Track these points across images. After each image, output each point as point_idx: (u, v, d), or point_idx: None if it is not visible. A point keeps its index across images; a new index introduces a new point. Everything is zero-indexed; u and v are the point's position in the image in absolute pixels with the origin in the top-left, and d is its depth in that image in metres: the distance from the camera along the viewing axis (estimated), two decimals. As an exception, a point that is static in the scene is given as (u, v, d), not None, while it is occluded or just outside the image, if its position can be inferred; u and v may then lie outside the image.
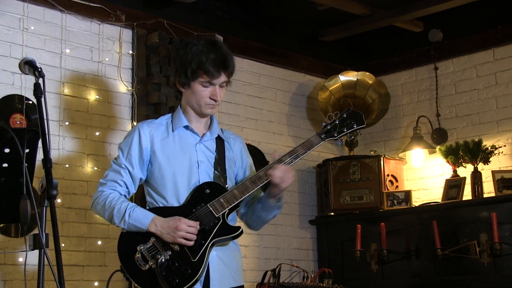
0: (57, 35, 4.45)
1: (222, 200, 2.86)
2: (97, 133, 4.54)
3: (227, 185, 2.94)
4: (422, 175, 5.64)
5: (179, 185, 2.91)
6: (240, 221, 3.07)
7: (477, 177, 5.09)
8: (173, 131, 2.99)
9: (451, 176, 5.30)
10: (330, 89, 5.79)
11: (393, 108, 5.86)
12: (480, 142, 5.13)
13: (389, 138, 5.94)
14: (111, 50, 4.69)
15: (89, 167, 4.47)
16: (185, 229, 2.78)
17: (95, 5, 4.59)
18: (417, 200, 5.52)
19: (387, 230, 5.15)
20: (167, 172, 2.92)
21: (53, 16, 4.44)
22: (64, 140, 4.38)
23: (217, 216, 2.85)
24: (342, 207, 5.52)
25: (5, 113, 4.15)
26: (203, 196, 2.88)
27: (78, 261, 4.34)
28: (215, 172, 2.97)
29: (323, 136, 3.01)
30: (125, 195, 2.95)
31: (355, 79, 5.79)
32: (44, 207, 2.32)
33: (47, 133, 2.30)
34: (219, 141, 3.04)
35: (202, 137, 3.01)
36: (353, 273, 5.38)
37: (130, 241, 2.85)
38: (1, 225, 4.01)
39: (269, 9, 5.56)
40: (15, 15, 4.29)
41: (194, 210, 2.85)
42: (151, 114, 4.72)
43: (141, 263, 2.80)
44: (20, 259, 4.09)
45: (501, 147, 5.17)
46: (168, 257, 2.80)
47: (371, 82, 5.78)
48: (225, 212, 2.87)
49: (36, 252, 2.31)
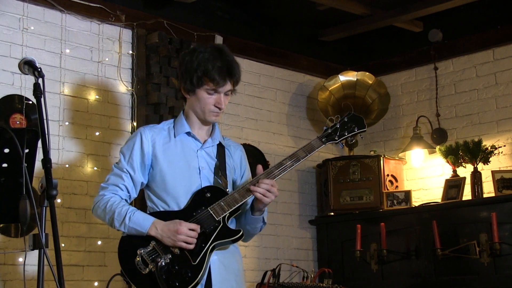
0: (57, 35, 4.45)
1: (222, 203, 2.86)
2: (97, 133, 4.54)
3: (227, 190, 2.94)
4: (422, 175, 5.64)
5: (180, 190, 2.91)
6: None
7: (477, 177, 5.09)
8: (175, 136, 3.00)
9: (451, 176, 5.30)
10: (330, 89, 5.79)
11: (393, 108, 5.86)
12: (480, 142, 5.13)
13: (389, 138, 5.94)
14: (111, 50, 4.69)
15: (89, 167, 4.47)
16: (186, 232, 2.78)
17: (95, 5, 4.59)
18: (417, 200, 5.52)
19: (387, 230, 5.15)
20: (168, 177, 2.93)
21: (53, 16, 4.44)
22: (64, 140, 4.38)
23: (217, 219, 2.85)
24: (342, 207, 5.52)
25: (5, 113, 4.15)
26: (203, 200, 2.88)
27: (78, 261, 4.34)
28: (215, 178, 2.97)
29: (324, 139, 3.01)
30: (126, 199, 2.95)
31: (355, 79, 5.79)
32: (44, 207, 2.32)
33: (47, 133, 2.30)
34: (220, 148, 3.04)
35: (203, 143, 3.01)
36: (353, 273, 5.38)
37: (130, 245, 2.84)
38: (1, 225, 4.01)
39: (269, 9, 5.56)
40: (15, 15, 4.29)
41: (194, 214, 2.85)
42: (151, 114, 4.72)
43: (141, 266, 2.80)
44: (20, 259, 4.09)
45: (501, 147, 5.17)
46: (168, 260, 2.80)
47: (371, 82, 5.78)
48: (225, 216, 2.86)
49: (36, 252, 2.31)
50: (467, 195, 5.15)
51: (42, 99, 2.35)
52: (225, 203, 2.86)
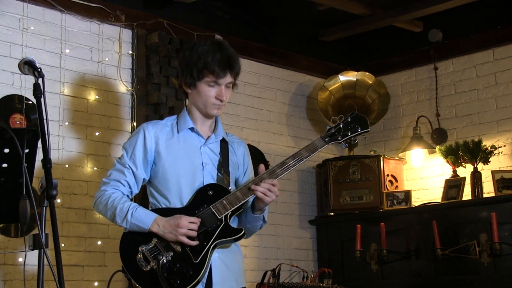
0: (57, 35, 4.45)
1: (225, 202, 2.86)
2: (97, 133, 4.54)
3: (230, 188, 2.94)
4: (422, 175, 5.64)
5: (182, 186, 2.91)
6: None
7: (477, 177, 5.09)
8: (178, 132, 2.99)
9: (451, 176, 5.30)
10: (330, 89, 5.79)
11: (393, 108, 5.86)
12: (480, 142, 5.13)
13: (389, 138, 5.94)
14: (111, 50, 4.69)
15: (89, 167, 4.47)
16: (186, 225, 2.78)
17: (95, 5, 4.59)
18: (417, 200, 5.52)
19: (387, 230, 5.15)
20: (171, 173, 2.93)
21: (53, 16, 4.44)
22: (64, 140, 4.38)
23: (219, 218, 2.85)
24: (342, 207, 5.52)
25: (5, 113, 4.15)
26: (206, 197, 2.88)
27: (78, 261, 4.34)
28: (218, 174, 2.97)
29: (327, 139, 3.00)
30: (127, 195, 2.95)
31: (355, 79, 5.79)
32: (44, 207, 2.32)
33: (47, 133, 2.30)
34: (224, 144, 3.04)
35: (207, 139, 3.01)
36: (353, 273, 5.38)
37: (132, 241, 2.84)
38: (1, 225, 4.01)
39: (269, 9, 5.56)
40: (15, 15, 4.29)
41: (196, 212, 2.85)
42: (151, 114, 4.71)
43: (142, 263, 2.80)
44: (20, 259, 4.09)
45: (500, 147, 5.17)
46: (170, 258, 2.80)
47: (371, 82, 5.78)
48: (227, 214, 2.86)
49: (36, 252, 2.31)
50: (467, 195, 5.14)
51: (42, 99, 2.36)
52: (227, 201, 2.86)
